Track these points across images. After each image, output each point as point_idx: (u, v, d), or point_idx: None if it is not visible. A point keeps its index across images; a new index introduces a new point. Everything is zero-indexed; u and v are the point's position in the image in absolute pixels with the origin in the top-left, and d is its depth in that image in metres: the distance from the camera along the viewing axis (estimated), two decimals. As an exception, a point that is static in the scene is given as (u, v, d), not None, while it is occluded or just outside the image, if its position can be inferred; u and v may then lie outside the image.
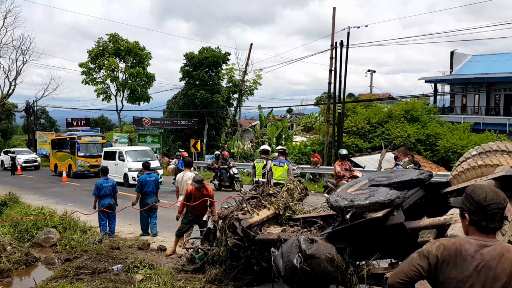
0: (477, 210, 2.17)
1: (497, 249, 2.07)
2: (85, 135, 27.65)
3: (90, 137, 27.46)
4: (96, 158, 25.73)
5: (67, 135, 29.52)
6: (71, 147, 26.87)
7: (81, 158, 25.87)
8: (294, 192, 6.87)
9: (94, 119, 63.53)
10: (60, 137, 30.62)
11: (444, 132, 23.73)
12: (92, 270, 7.10)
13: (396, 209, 4.18)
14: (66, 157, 27.49)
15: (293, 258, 4.45)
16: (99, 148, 26.70)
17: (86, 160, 26.13)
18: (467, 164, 5.47)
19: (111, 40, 39.70)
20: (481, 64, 35.66)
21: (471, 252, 2.09)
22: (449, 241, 2.20)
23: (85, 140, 26.67)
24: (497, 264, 2.03)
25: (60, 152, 28.72)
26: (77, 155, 25.90)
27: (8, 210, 12.10)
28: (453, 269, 2.10)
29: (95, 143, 27.26)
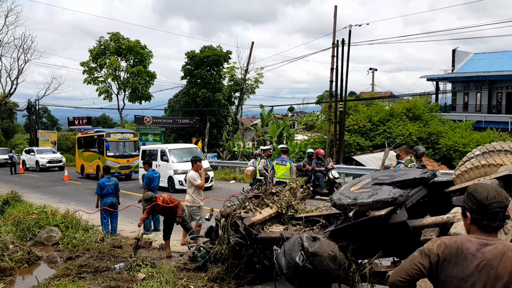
0: (479, 209, 2.16)
1: (498, 247, 2.06)
2: (115, 132, 24.96)
3: (120, 134, 24.60)
4: (128, 158, 23.58)
5: (94, 132, 26.61)
6: (99, 146, 24.08)
7: (110, 158, 22.94)
8: (297, 191, 6.88)
9: (95, 118, 63.61)
10: (86, 134, 27.52)
11: (446, 130, 23.68)
12: (94, 269, 7.11)
13: (399, 208, 4.17)
14: (93, 157, 24.77)
15: (296, 256, 4.45)
16: (130, 147, 24.30)
17: (116, 161, 23.25)
18: (471, 164, 5.47)
19: (112, 39, 39.71)
20: (483, 62, 35.60)
21: (473, 251, 2.09)
22: (451, 239, 2.20)
23: (115, 138, 23.80)
24: (498, 262, 2.02)
25: (87, 152, 25.96)
26: (106, 155, 23.09)
27: (10, 209, 12.12)
28: (454, 267, 2.10)
29: (126, 140, 24.38)
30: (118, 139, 23.94)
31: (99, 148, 23.98)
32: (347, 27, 23.29)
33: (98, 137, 24.64)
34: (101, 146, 23.57)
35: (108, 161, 22.43)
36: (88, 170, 25.39)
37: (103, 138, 23.51)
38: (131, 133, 25.84)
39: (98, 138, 24.54)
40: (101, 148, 23.55)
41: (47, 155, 32.39)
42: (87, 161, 25.55)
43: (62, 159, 32.48)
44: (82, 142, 27.04)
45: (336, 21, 23.67)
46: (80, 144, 27.17)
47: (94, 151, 24.82)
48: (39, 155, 31.77)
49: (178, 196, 8.99)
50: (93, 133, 26.24)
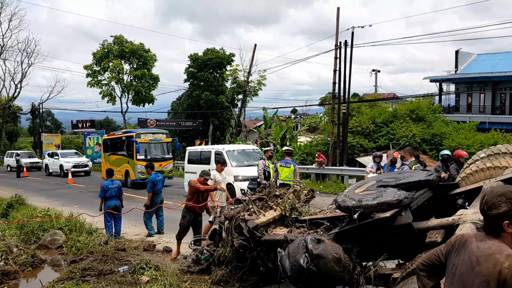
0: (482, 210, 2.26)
1: (491, 248, 2.11)
2: (145, 133, 22.01)
3: (152, 135, 21.87)
4: (160, 162, 20.82)
5: (122, 133, 23.63)
6: (128, 149, 21.59)
7: (140, 162, 20.21)
8: (301, 193, 6.86)
9: (99, 121, 63.76)
10: (113, 136, 24.47)
11: (449, 131, 23.60)
12: (98, 272, 7.11)
13: (404, 210, 4.15)
14: (121, 161, 22.01)
15: (300, 258, 4.43)
16: (162, 149, 21.95)
17: None
18: (476, 166, 5.46)
19: (115, 42, 39.84)
20: (487, 63, 35.50)
21: (473, 245, 2.18)
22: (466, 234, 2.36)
23: (146, 139, 21.21)
24: (484, 261, 2.08)
25: (114, 155, 23.14)
26: (135, 159, 20.63)
27: (14, 212, 12.15)
28: (457, 256, 2.23)
29: (158, 142, 21.89)
30: (149, 141, 21.43)
31: (128, 151, 21.56)
32: (350, 29, 23.29)
33: (126, 138, 21.96)
34: (130, 148, 21.21)
35: (138, 165, 20.29)
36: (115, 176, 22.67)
37: (132, 139, 20.91)
38: (164, 133, 22.79)
39: (126, 139, 21.91)
40: (130, 151, 21.19)
41: (72, 158, 29.67)
42: (114, 166, 22.15)
43: (89, 163, 29.99)
44: (108, 144, 24.34)
45: (338, 22, 23.68)
46: (106, 146, 24.52)
47: (122, 154, 22.28)
48: (64, 159, 29.19)
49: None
50: (121, 134, 23.36)
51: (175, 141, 23.33)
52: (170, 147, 22.26)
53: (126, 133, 22.86)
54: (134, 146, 20.53)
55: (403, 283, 3.70)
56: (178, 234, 8.37)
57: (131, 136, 21.41)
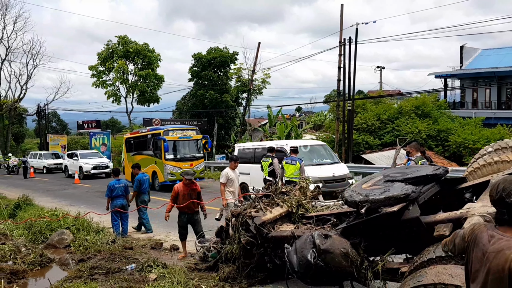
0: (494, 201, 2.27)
1: (501, 244, 2.10)
2: (174, 129, 19.83)
3: (181, 132, 19.71)
4: (191, 162, 19.15)
5: (147, 130, 21.55)
6: (155, 147, 19.73)
7: (170, 162, 18.71)
8: (307, 190, 6.86)
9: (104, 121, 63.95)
10: (137, 134, 22.53)
11: (455, 127, 23.52)
12: (106, 270, 7.14)
13: (411, 204, 4.15)
14: (148, 162, 19.88)
15: (307, 253, 4.43)
16: (193, 147, 19.99)
17: (177, 165, 18.83)
18: (483, 161, 5.44)
19: (120, 42, 39.93)
20: (492, 58, 35.32)
21: (483, 241, 2.19)
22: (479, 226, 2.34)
23: (174, 137, 19.19)
24: (493, 258, 2.08)
25: (139, 155, 21.22)
26: (164, 158, 18.82)
27: (22, 212, 12.22)
28: (472, 252, 2.26)
29: (188, 139, 19.76)
30: (178, 138, 19.33)
31: (155, 150, 19.72)
32: (354, 26, 23.24)
33: (153, 136, 20.07)
34: (157, 147, 19.35)
35: (168, 165, 18.69)
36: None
37: (160, 137, 18.97)
38: (193, 129, 20.72)
39: (153, 137, 20.05)
40: (158, 150, 19.30)
41: (92, 159, 28.16)
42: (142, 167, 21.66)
43: (109, 165, 28.29)
44: (131, 143, 22.57)
45: (342, 19, 23.63)
46: (130, 146, 22.65)
47: (148, 154, 20.43)
48: (83, 160, 27.72)
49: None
50: (146, 132, 21.36)
51: (206, 138, 21.37)
52: (200, 144, 20.33)
53: (153, 130, 20.77)
54: (162, 145, 18.61)
55: (411, 277, 3.70)
56: (179, 234, 8.39)
57: (158, 134, 19.44)
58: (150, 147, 20.21)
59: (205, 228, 9.00)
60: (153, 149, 19.90)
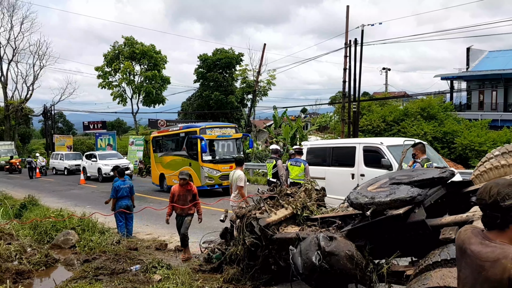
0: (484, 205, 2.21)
1: (495, 252, 2.06)
2: (211, 127, 17.44)
3: (219, 130, 17.38)
4: (231, 164, 16.32)
5: (180, 128, 19.13)
6: (190, 147, 17.47)
7: (207, 164, 16.51)
8: (312, 192, 6.84)
9: (110, 122, 64.23)
10: (167, 132, 20.23)
11: (461, 129, 23.41)
12: (110, 271, 7.16)
13: (417, 207, 4.12)
14: (181, 163, 17.70)
15: (312, 255, 4.41)
16: (232, 147, 17.68)
17: (216, 167, 16.72)
18: (490, 164, 5.40)
19: (126, 43, 40.08)
20: (498, 60, 35.15)
21: (473, 248, 2.14)
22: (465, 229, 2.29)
23: (212, 135, 16.98)
24: (490, 267, 2.04)
25: (169, 156, 19.22)
26: (201, 160, 16.60)
27: (27, 213, 12.28)
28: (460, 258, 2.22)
29: (228, 138, 17.48)
30: (216, 137, 17.11)
31: (190, 150, 17.45)
32: (360, 27, 23.21)
33: (187, 135, 17.87)
34: (193, 147, 17.15)
35: (205, 168, 16.54)
36: (171, 182, 18.00)
37: (196, 136, 16.78)
38: (233, 127, 18.42)
39: (187, 136, 17.84)
40: (194, 150, 17.10)
41: (112, 161, 26.30)
42: (170, 169, 18.74)
43: (130, 166, 26.57)
44: (160, 143, 20.57)
45: (348, 21, 23.60)
46: (158, 145, 20.67)
47: (180, 155, 18.23)
48: (102, 162, 26.35)
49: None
50: (178, 129, 19.09)
51: (247, 136, 19.49)
52: (241, 144, 18.18)
53: (187, 128, 18.50)
54: (199, 144, 16.44)
55: (416, 280, 3.68)
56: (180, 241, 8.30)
57: (193, 132, 17.21)
58: (183, 147, 18.00)
59: (209, 229, 9.02)
60: (187, 149, 17.68)
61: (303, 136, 30.82)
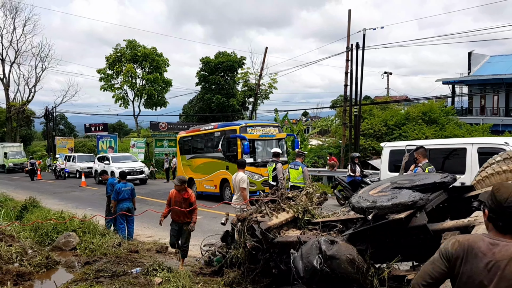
0: (497, 209, 2.15)
1: (509, 250, 2.05)
2: (252, 125, 15.46)
3: (261, 129, 15.38)
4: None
5: (214, 127, 17.11)
6: (227, 148, 15.56)
7: (249, 167, 13.51)
8: (313, 196, 6.84)
9: (112, 124, 64.34)
10: (199, 131, 18.08)
11: (462, 133, 23.38)
12: (111, 273, 7.15)
13: (419, 211, 4.12)
14: (215, 167, 16.04)
15: (313, 259, 4.41)
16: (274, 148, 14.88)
17: (258, 171, 14.70)
18: (492, 169, 5.39)
19: (128, 46, 40.18)
20: (500, 64, 35.17)
21: (483, 250, 2.09)
22: (464, 237, 2.22)
23: (254, 135, 15.00)
24: (506, 265, 2.02)
25: (200, 159, 17.30)
26: None
27: (28, 214, 12.29)
28: (465, 264, 2.12)
29: (271, 138, 15.46)
30: (259, 136, 15.14)
31: (228, 152, 15.48)
32: (361, 31, 23.23)
33: (223, 134, 15.97)
34: (232, 148, 15.38)
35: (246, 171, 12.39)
36: (202, 187, 16.75)
37: (236, 135, 14.86)
38: (276, 126, 16.43)
39: (223, 135, 15.93)
40: (232, 152, 15.19)
41: (125, 163, 25.27)
42: (201, 173, 16.92)
43: (144, 169, 25.77)
44: (189, 144, 18.64)
45: (350, 25, 23.62)
46: (186, 147, 18.79)
47: (216, 157, 16.25)
48: (116, 164, 25.16)
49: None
50: (213, 128, 17.08)
51: (292, 136, 17.61)
52: (284, 145, 16.21)
53: (224, 126, 16.53)
54: (240, 145, 14.52)
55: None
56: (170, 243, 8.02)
57: (232, 131, 15.37)
58: (218, 147, 16.01)
59: (210, 232, 9.01)
60: (224, 150, 15.72)
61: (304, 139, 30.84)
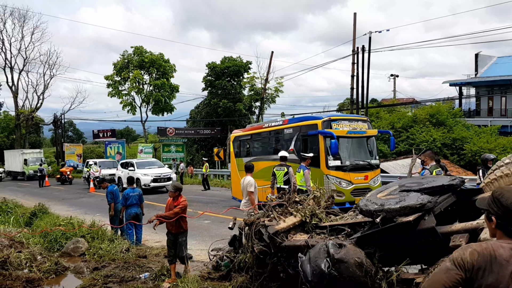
0: (505, 214, 2.11)
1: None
2: (338, 119, 12.42)
3: (348, 123, 12.31)
4: (366, 172, 12.12)
5: (284, 122, 14.34)
6: (304, 148, 12.66)
7: (335, 172, 11.69)
8: (321, 200, 6.82)
9: (119, 130, 64.68)
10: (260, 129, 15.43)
11: (470, 135, 23.26)
12: (120, 279, 7.18)
13: (427, 214, 4.10)
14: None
15: (321, 263, 4.40)
16: (368, 148, 12.69)
17: (347, 177, 11.73)
18: (500, 172, 5.37)
19: (135, 52, 40.44)
20: (507, 65, 34.95)
21: (506, 257, 2.04)
22: (481, 246, 2.12)
23: (341, 131, 11.93)
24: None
25: (263, 161, 14.27)
26: (325, 165, 11.79)
27: (38, 221, 12.36)
28: (489, 275, 2.03)
29: (361, 135, 12.47)
30: (346, 133, 12.10)
31: (304, 152, 11.56)
32: (367, 34, 23.23)
33: (298, 130, 13.20)
34: (310, 147, 12.40)
35: (332, 177, 11.64)
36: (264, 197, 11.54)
37: (318, 131, 11.99)
38: (364, 120, 13.12)
39: (298, 133, 13.17)
40: (313, 152, 11.73)
41: (152, 170, 23.47)
42: (264, 179, 13.13)
43: (172, 176, 23.67)
44: (248, 144, 15.89)
45: (355, 28, 23.63)
46: (243, 147, 16.10)
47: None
48: (141, 171, 23.09)
49: None
50: (282, 124, 14.27)
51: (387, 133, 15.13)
52: (374, 144, 13.05)
53: (297, 121, 13.73)
54: (322, 144, 11.85)
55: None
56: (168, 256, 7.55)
57: (311, 126, 12.46)
58: (290, 148, 13.27)
59: (217, 237, 9.02)
60: (297, 151, 12.95)
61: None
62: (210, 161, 30.59)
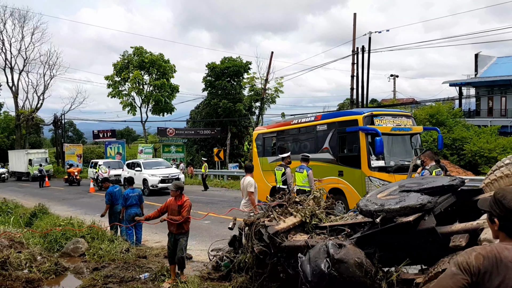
0: (508, 216, 2.09)
1: None
2: (381, 114, 11.27)
3: (391, 120, 11.20)
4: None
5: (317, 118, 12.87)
6: (341, 146, 11.63)
7: (378, 174, 10.51)
8: (321, 200, 6.82)
9: (119, 131, 64.71)
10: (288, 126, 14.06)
11: (470, 136, 23.26)
12: (120, 279, 7.18)
13: (427, 214, 4.10)
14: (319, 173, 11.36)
15: (321, 263, 4.40)
16: (408, 146, 11.56)
17: (392, 179, 9.69)
18: (500, 172, 5.37)
19: (135, 53, 40.48)
20: (507, 65, 34.96)
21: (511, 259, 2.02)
22: (485, 249, 2.09)
23: (386, 127, 10.78)
24: None
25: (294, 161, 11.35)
26: (368, 166, 10.59)
27: (38, 221, 12.35)
28: (495, 278, 2.00)
29: (406, 133, 11.36)
30: (391, 130, 10.90)
31: (341, 151, 11.50)
32: (367, 34, 23.25)
33: (333, 127, 11.96)
34: (348, 146, 11.42)
35: (375, 179, 10.42)
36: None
37: (359, 128, 10.83)
38: (408, 116, 12.15)
39: (334, 129, 11.91)
40: (351, 151, 11.20)
41: (159, 170, 22.73)
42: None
43: (181, 176, 22.95)
44: (273, 142, 14.65)
45: (355, 28, 23.64)
46: (268, 146, 14.86)
47: (319, 159, 11.91)
48: (148, 171, 22.51)
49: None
50: (314, 120, 12.87)
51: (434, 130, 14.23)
52: (419, 141, 12.01)
53: (332, 117, 12.39)
54: (364, 141, 10.68)
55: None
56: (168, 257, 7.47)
57: (350, 122, 11.31)
58: (324, 146, 12.12)
59: (218, 237, 9.01)
60: (332, 149, 11.84)
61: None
62: (210, 161, 30.61)
